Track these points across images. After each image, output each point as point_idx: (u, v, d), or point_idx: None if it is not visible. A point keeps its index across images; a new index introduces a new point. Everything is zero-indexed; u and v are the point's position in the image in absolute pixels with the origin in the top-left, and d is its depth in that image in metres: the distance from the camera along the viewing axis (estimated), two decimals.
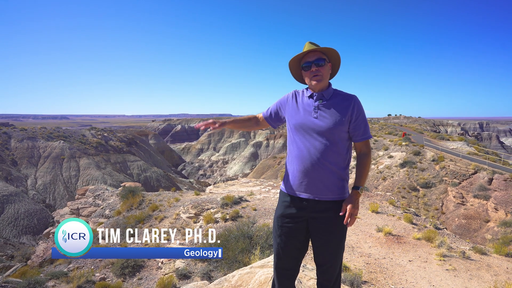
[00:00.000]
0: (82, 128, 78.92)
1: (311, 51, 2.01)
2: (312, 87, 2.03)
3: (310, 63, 2.00)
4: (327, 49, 2.01)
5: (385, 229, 7.12)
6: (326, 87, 2.05)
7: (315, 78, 1.99)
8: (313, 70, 1.99)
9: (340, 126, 1.94)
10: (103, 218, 13.81)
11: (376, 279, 5.02)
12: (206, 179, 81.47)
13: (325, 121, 1.94)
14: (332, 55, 2.06)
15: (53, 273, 7.58)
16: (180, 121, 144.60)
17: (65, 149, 49.54)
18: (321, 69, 1.99)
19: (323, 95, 2.02)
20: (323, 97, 2.01)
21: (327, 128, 1.93)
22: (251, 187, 14.52)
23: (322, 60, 1.99)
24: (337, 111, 1.97)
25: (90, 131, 65.61)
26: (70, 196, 41.56)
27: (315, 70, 1.98)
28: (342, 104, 1.99)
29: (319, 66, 1.98)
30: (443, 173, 21.01)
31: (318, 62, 1.98)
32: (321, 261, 2.08)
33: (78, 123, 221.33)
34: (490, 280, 5.06)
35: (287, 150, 2.12)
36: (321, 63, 1.99)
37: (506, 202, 16.33)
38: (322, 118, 1.95)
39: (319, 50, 2.00)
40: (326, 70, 2.01)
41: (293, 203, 2.03)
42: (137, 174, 53.39)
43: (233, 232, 6.46)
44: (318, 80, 1.98)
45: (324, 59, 2.00)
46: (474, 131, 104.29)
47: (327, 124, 1.93)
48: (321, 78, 1.99)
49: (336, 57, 2.08)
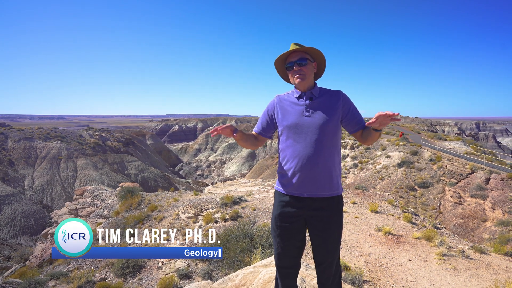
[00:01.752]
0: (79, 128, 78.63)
1: (294, 51, 2.06)
2: (297, 86, 2.08)
3: (293, 63, 2.06)
4: (310, 49, 2.06)
5: (385, 229, 7.15)
6: (312, 86, 2.10)
7: (298, 77, 2.04)
8: (295, 70, 2.04)
9: (332, 121, 1.99)
10: (101, 218, 13.78)
11: (377, 278, 5.05)
12: (203, 179, 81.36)
13: (318, 119, 1.99)
14: (316, 55, 2.10)
15: (53, 274, 7.56)
16: (177, 121, 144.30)
17: (62, 149, 49.36)
18: (304, 68, 2.03)
19: (312, 93, 2.07)
20: (313, 96, 2.06)
21: (320, 125, 1.97)
22: (250, 187, 14.54)
23: (305, 60, 2.04)
24: (327, 107, 2.02)
25: (88, 131, 65.38)
26: (67, 196, 41.38)
27: (297, 69, 2.04)
28: (331, 100, 2.04)
29: (301, 66, 2.03)
30: (441, 172, 21.10)
31: (300, 62, 2.03)
32: (320, 259, 2.11)
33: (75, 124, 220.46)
34: (490, 279, 5.10)
35: (279, 152, 2.14)
36: (304, 62, 2.04)
37: (503, 202, 16.42)
38: (314, 116, 2.00)
39: (301, 50, 2.05)
40: (309, 69, 2.06)
41: (290, 203, 2.05)
42: (134, 174, 53.25)
43: (233, 232, 6.47)
44: (301, 79, 2.04)
45: (307, 58, 2.05)
46: (471, 131, 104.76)
47: (320, 121, 1.98)
48: (304, 77, 2.03)
49: (320, 57, 2.12)
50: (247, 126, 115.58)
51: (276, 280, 2.33)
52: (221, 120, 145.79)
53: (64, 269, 9.12)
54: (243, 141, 2.13)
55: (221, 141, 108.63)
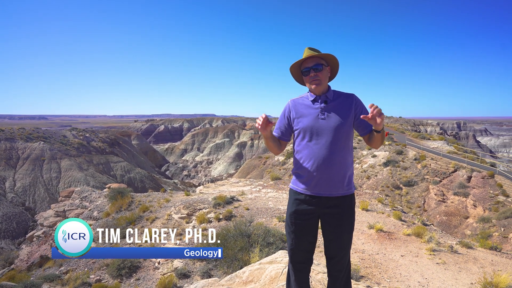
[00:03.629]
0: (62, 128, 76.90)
1: (310, 57, 2.16)
2: (313, 90, 2.19)
3: (309, 68, 2.15)
4: (325, 55, 2.17)
5: (377, 226, 7.39)
6: (327, 89, 2.21)
7: (314, 82, 2.15)
8: (312, 75, 2.14)
9: (346, 124, 2.11)
10: (91, 220, 13.60)
11: (372, 274, 5.25)
12: (190, 180, 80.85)
13: (333, 121, 2.10)
14: (330, 60, 2.21)
15: (46, 276, 7.47)
16: (163, 121, 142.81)
17: (45, 150, 48.20)
18: (319, 73, 2.14)
19: (327, 97, 2.18)
20: (327, 99, 2.17)
21: (335, 127, 2.09)
22: (242, 187, 14.63)
23: (320, 65, 2.14)
24: (342, 110, 2.14)
25: (71, 131, 64.05)
26: (51, 198, 40.47)
27: (313, 75, 2.14)
28: (345, 103, 2.16)
29: (317, 71, 2.14)
30: (425, 171, 21.69)
31: (316, 67, 2.14)
32: (332, 253, 2.24)
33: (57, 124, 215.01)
34: (477, 272, 5.37)
35: (294, 153, 2.25)
36: (319, 68, 2.14)
37: (483, 199, 17.04)
38: (329, 119, 2.11)
39: (317, 56, 2.16)
40: (324, 74, 2.17)
41: (305, 201, 2.17)
42: (120, 175, 52.50)
43: (230, 231, 6.57)
44: (317, 84, 2.14)
45: (322, 64, 2.16)
46: (452, 130, 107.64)
47: (335, 124, 2.09)
48: (320, 82, 2.15)
49: (334, 61, 2.23)
50: (233, 126, 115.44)
51: (288, 274, 2.45)
52: (208, 120, 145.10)
53: (56, 272, 9.01)
54: (272, 141, 2.20)
55: (207, 141, 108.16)
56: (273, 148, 2.24)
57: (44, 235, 16.69)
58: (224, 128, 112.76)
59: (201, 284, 3.50)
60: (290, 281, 2.42)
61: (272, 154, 44.21)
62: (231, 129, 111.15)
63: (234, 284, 3.28)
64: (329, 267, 2.31)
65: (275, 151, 2.26)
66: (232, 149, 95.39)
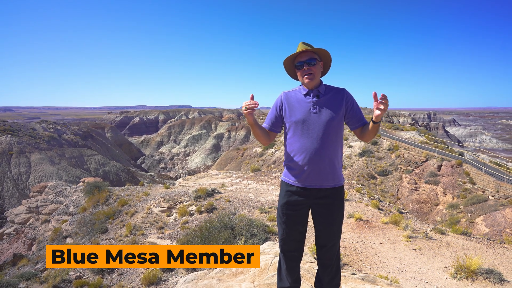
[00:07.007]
0: (31, 121, 73.55)
1: (303, 52, 2.21)
2: (306, 84, 2.23)
3: (302, 62, 2.21)
4: (318, 50, 2.22)
5: (356, 215, 7.64)
6: (319, 84, 2.27)
7: (307, 77, 2.20)
8: (305, 69, 2.20)
9: (337, 118, 2.18)
10: (67, 215, 13.21)
11: (353, 261, 5.45)
12: (167, 172, 79.73)
13: (325, 115, 2.16)
14: (324, 55, 2.27)
15: (23, 275, 7.23)
16: (138, 113, 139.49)
17: (13, 143, 45.95)
18: (313, 68, 2.19)
19: (319, 91, 2.23)
20: (319, 93, 2.23)
21: (326, 121, 2.15)
22: (222, 179, 14.62)
23: (314, 60, 2.20)
24: (333, 104, 2.20)
25: (41, 124, 61.35)
26: (20, 194, 38.81)
27: (307, 69, 2.19)
28: (336, 97, 2.22)
29: (311, 65, 2.19)
30: (398, 161, 22.49)
31: (310, 62, 2.19)
32: (323, 242, 2.32)
33: (25, 116, 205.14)
34: (450, 256, 5.69)
35: (285, 145, 2.30)
36: (313, 62, 2.20)
37: (452, 187, 17.91)
38: (321, 113, 2.17)
39: (310, 50, 2.21)
40: (317, 69, 2.22)
41: (296, 193, 2.24)
42: (95, 168, 50.99)
43: (214, 223, 6.59)
44: (310, 78, 2.20)
45: (316, 58, 2.21)
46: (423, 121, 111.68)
47: (327, 118, 2.16)
48: (313, 76, 2.20)
49: (327, 56, 2.29)
50: (210, 117, 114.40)
51: (279, 264, 2.52)
52: (184, 111, 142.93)
53: (33, 269, 8.73)
54: (258, 128, 2.21)
55: (184, 133, 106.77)
56: (261, 137, 2.26)
57: (16, 232, 16.06)
58: (200, 120, 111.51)
59: (191, 277, 3.51)
60: (281, 270, 2.49)
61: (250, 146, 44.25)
62: (208, 120, 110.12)
63: (224, 276, 3.32)
64: (320, 255, 2.39)
65: (263, 141, 2.29)
66: (209, 141, 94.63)
